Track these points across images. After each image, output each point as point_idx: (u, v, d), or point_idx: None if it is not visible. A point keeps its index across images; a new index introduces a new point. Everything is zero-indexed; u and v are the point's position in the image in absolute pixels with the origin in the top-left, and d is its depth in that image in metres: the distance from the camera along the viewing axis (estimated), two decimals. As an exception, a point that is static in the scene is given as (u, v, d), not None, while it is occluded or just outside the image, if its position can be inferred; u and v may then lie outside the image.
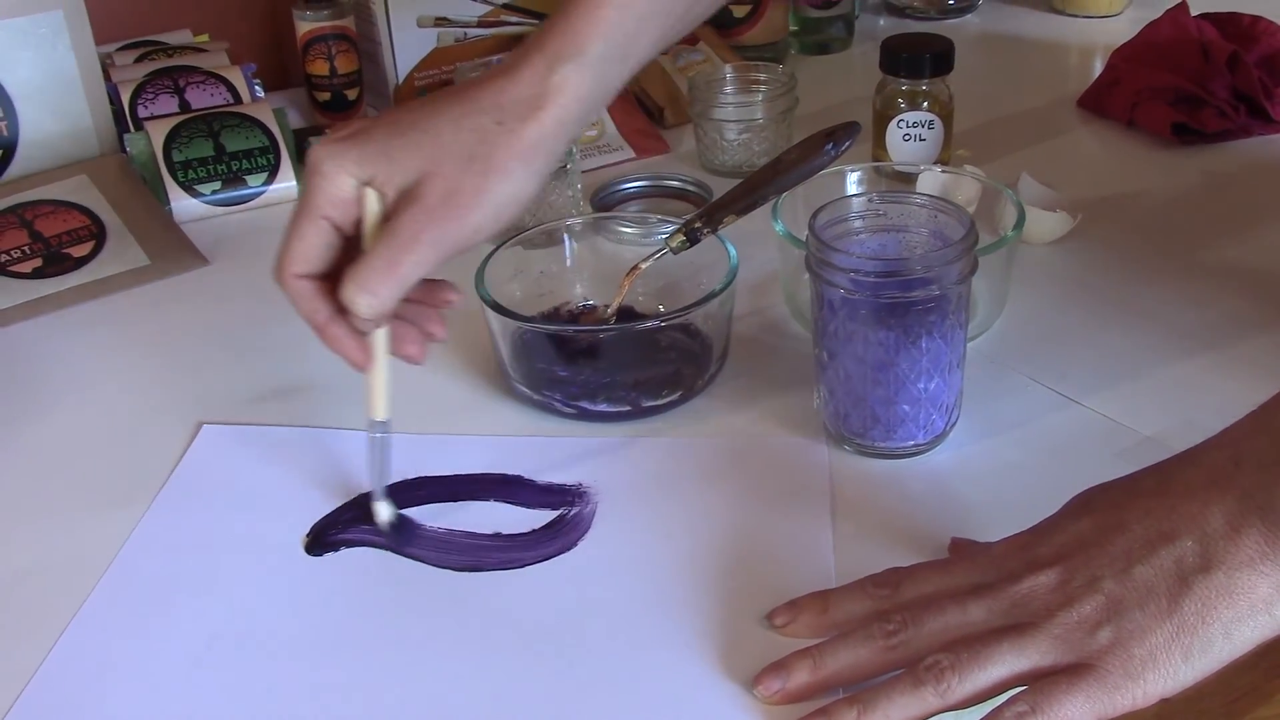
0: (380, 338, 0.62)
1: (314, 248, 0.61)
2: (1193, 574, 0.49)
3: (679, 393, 0.72)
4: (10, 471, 0.71)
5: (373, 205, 0.61)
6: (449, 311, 0.79)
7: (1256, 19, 1.06)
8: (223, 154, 0.97)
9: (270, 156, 0.98)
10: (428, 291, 0.65)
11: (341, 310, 0.61)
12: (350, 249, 0.62)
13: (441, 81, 1.11)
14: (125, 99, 1.00)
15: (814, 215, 0.65)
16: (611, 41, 0.62)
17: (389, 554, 0.63)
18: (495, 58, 1.03)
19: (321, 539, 0.64)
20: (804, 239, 0.65)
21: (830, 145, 0.73)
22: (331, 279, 0.61)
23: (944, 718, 0.50)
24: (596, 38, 0.62)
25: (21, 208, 0.93)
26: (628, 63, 0.64)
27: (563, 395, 0.71)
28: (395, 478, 0.68)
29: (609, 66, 0.63)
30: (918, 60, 0.91)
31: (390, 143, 0.60)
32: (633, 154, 1.03)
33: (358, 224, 0.61)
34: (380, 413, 0.64)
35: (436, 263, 0.60)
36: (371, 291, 0.59)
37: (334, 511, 0.66)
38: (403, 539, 0.64)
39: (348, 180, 0.60)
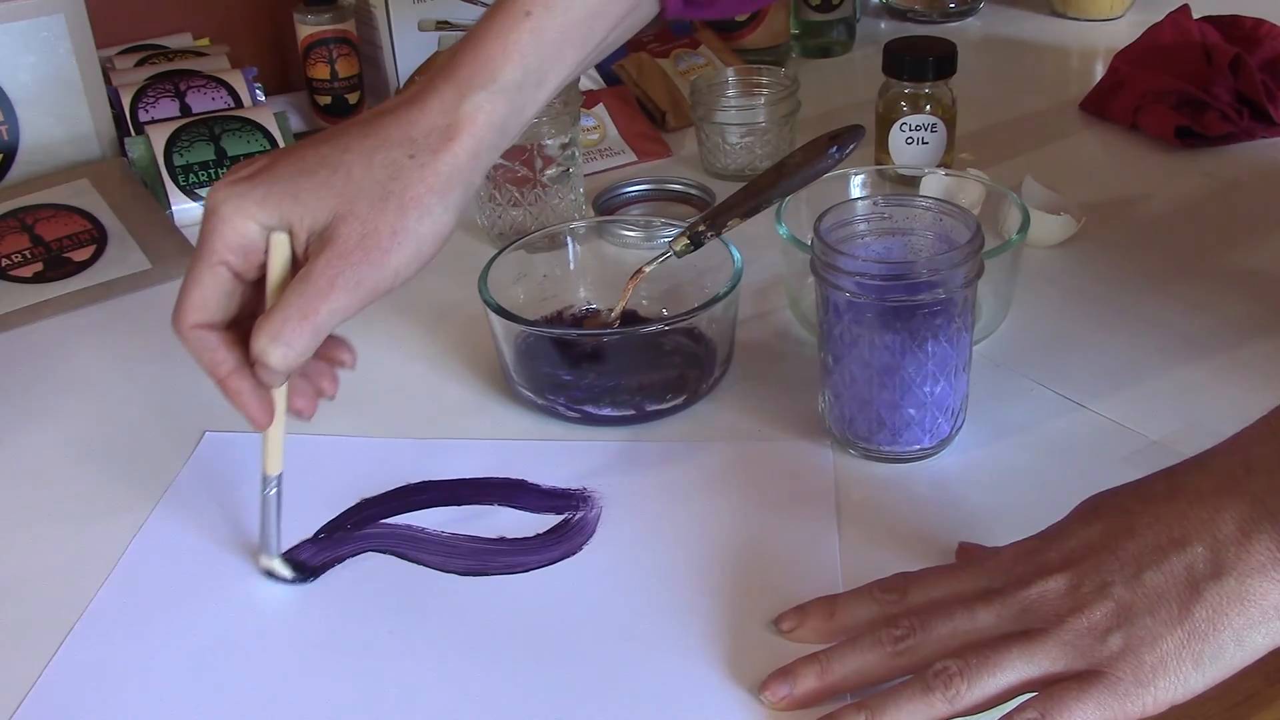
0: (280, 392, 0.59)
1: (212, 296, 0.57)
2: (1204, 580, 0.49)
3: (683, 397, 0.72)
4: (12, 476, 0.71)
5: (282, 251, 0.57)
6: (453, 317, 0.80)
7: (1259, 22, 1.06)
8: (224, 158, 0.97)
9: (271, 160, 0.98)
10: (325, 347, 0.60)
11: (246, 361, 0.57)
12: (254, 296, 0.59)
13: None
14: (126, 103, 1.00)
15: (819, 218, 0.65)
16: (526, 68, 0.60)
17: (392, 558, 0.63)
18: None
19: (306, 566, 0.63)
20: (808, 242, 0.65)
21: (834, 149, 0.73)
22: (233, 328, 0.59)
23: (953, 724, 0.50)
24: (510, 65, 0.59)
25: (22, 211, 0.92)
26: (544, 88, 0.61)
27: (566, 399, 0.71)
28: (398, 482, 0.67)
29: (524, 93, 0.60)
30: (920, 63, 0.91)
31: (297, 182, 0.57)
32: (635, 157, 1.03)
33: (262, 269, 0.58)
34: (274, 468, 0.61)
35: (354, 310, 0.56)
36: (285, 343, 0.55)
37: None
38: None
39: (249, 224, 0.57)
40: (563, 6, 0.60)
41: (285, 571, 0.62)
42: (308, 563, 0.63)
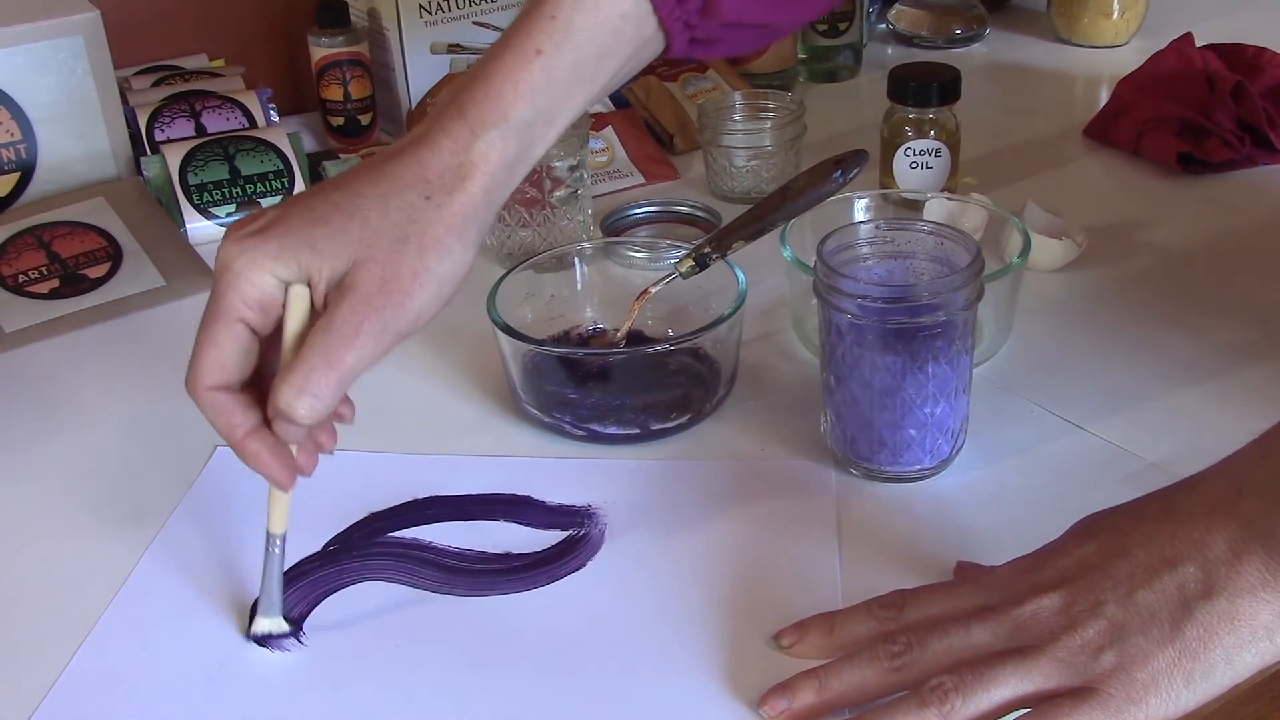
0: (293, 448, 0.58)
1: (231, 355, 0.56)
2: (1195, 600, 0.49)
3: (687, 416, 0.73)
4: (26, 490, 0.72)
5: (301, 303, 0.56)
6: (462, 336, 0.81)
7: (1261, 50, 1.07)
8: (237, 177, 0.99)
9: (284, 180, 0.99)
10: None
11: (262, 421, 0.56)
12: (267, 354, 0.58)
13: (454, 107, 1.12)
14: (142, 122, 1.02)
15: (822, 241, 0.66)
16: (537, 106, 0.58)
17: (399, 577, 0.64)
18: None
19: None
20: (812, 265, 0.66)
21: (838, 172, 0.74)
22: (244, 389, 0.57)
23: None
24: (521, 103, 0.58)
25: (39, 229, 0.94)
26: (553, 127, 0.60)
27: (572, 417, 0.72)
28: (406, 496, 0.68)
29: (534, 131, 0.59)
30: (925, 88, 0.92)
31: (312, 232, 0.55)
32: (643, 179, 1.04)
33: (278, 324, 0.57)
34: (280, 526, 0.59)
35: (379, 356, 0.56)
36: (313, 394, 0.54)
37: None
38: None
39: (266, 278, 0.55)
40: (572, 45, 0.59)
41: (266, 628, 0.60)
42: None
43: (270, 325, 0.57)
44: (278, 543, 0.60)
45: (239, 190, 0.98)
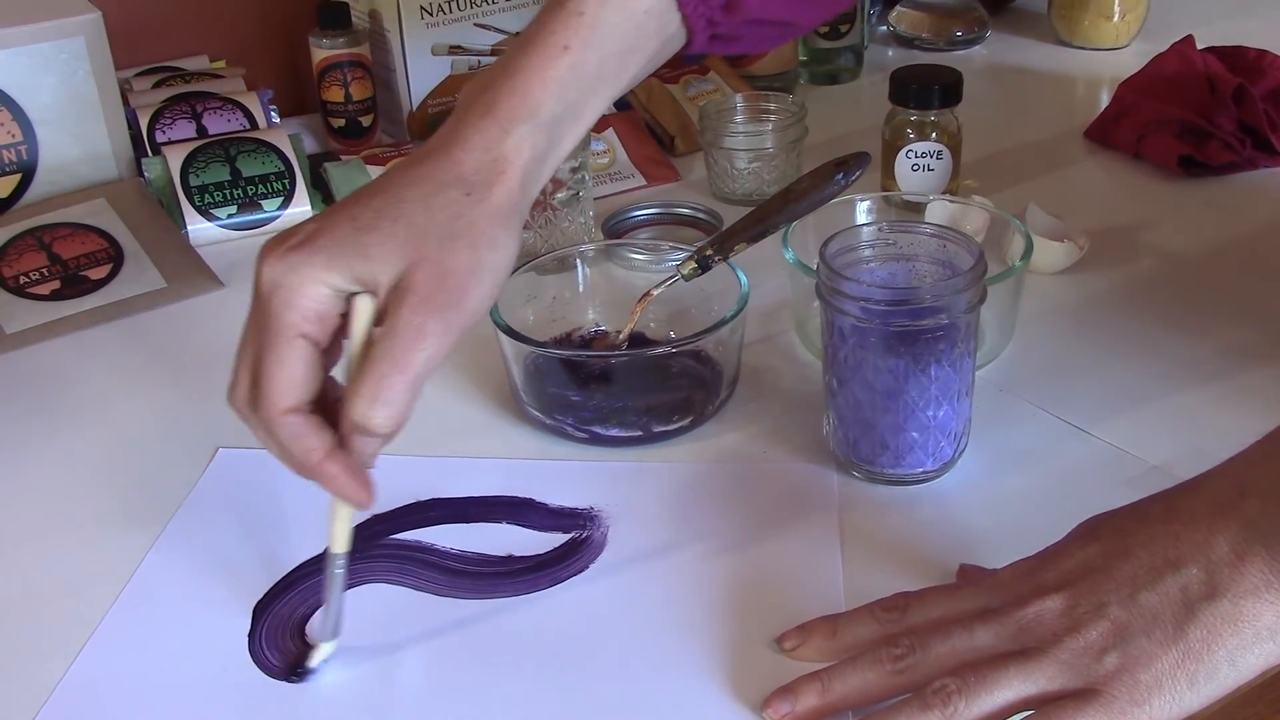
0: None
1: (299, 373, 0.54)
2: (1198, 601, 0.49)
3: (689, 418, 0.73)
4: (28, 491, 0.72)
5: (366, 313, 0.55)
6: (464, 338, 0.81)
7: (1262, 53, 1.07)
8: (239, 179, 0.99)
9: (285, 181, 0.99)
10: None
11: (335, 443, 0.55)
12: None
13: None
14: (144, 124, 1.02)
15: (825, 244, 0.66)
16: (565, 102, 0.59)
17: (400, 575, 0.64)
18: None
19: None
20: (814, 267, 0.66)
21: (840, 175, 0.74)
22: (312, 411, 0.56)
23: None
24: (549, 99, 0.58)
25: (40, 230, 0.94)
26: (580, 122, 0.61)
27: (574, 420, 0.72)
28: (409, 498, 0.68)
29: (562, 127, 0.60)
30: (926, 91, 0.92)
31: (359, 239, 0.55)
32: (644, 181, 1.04)
33: (335, 337, 0.56)
34: (344, 544, 0.58)
35: (444, 355, 0.54)
36: (386, 401, 0.53)
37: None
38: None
39: (321, 289, 0.54)
40: (599, 41, 0.60)
41: (325, 654, 0.58)
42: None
43: (328, 337, 0.56)
44: (340, 563, 0.58)
45: (240, 191, 0.98)
